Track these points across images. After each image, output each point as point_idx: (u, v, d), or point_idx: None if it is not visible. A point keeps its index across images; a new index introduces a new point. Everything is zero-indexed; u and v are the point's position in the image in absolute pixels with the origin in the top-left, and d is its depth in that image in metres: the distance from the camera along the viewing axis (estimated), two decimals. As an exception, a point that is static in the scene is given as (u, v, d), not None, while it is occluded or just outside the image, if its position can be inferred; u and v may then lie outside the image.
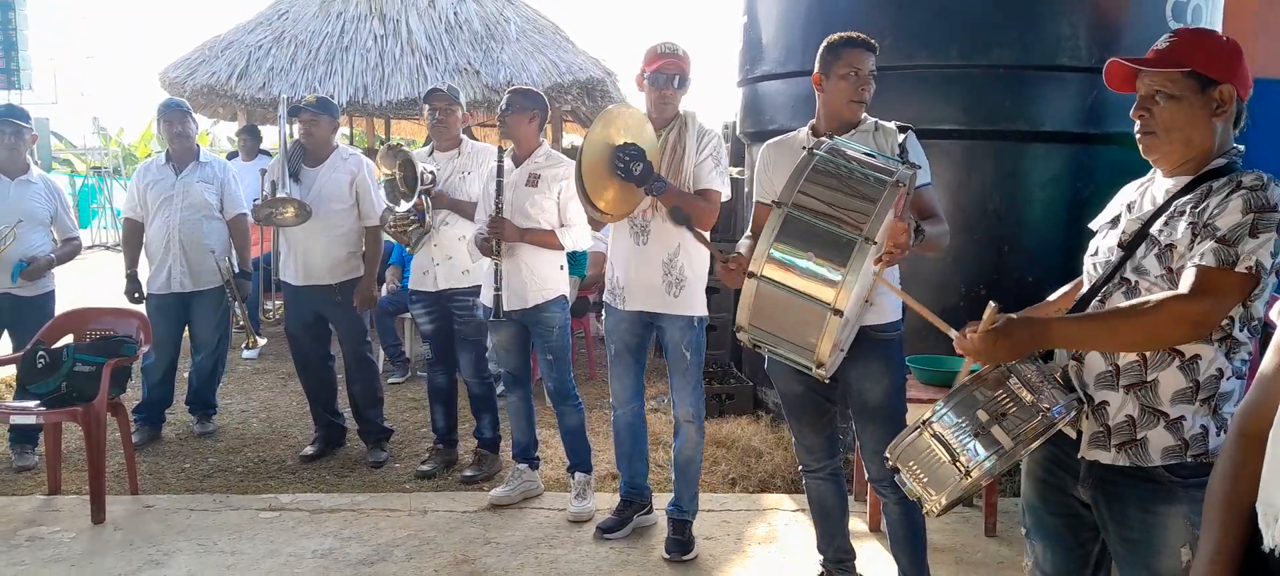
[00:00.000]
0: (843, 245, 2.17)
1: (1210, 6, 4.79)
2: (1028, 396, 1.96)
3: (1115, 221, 2.12)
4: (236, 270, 5.32)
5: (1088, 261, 2.20)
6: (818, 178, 2.28)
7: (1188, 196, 1.95)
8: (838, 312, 2.19)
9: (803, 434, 3.22)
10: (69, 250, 5.05)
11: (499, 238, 3.95)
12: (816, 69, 2.98)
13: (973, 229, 4.58)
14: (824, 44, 2.97)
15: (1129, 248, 2.02)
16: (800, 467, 3.32)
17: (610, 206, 3.46)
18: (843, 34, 2.95)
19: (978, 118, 4.61)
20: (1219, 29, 4.99)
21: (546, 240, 4.08)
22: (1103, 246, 2.13)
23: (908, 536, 3.12)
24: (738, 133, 5.91)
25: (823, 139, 2.52)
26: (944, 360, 3.81)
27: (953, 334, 2.09)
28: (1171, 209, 1.96)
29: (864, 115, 2.99)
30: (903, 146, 2.87)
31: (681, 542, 3.76)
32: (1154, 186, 2.09)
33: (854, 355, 2.83)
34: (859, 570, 3.38)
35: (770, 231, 2.25)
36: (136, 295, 5.10)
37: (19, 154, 4.85)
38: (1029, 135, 4.61)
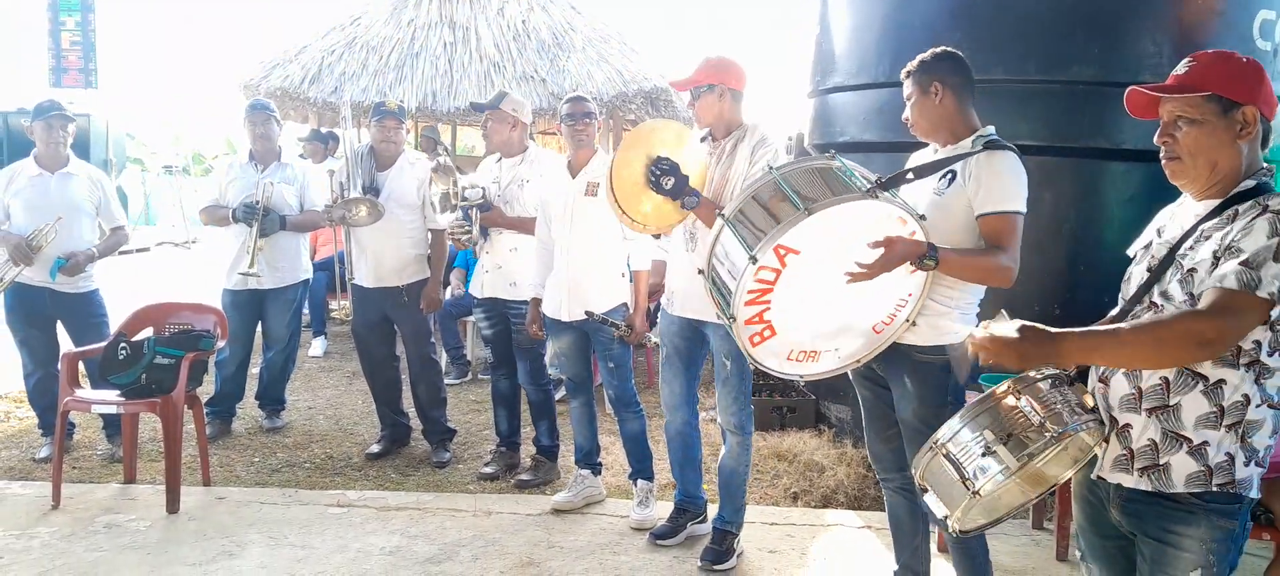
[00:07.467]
0: (743, 258, 2.56)
1: (1301, 24, 4.64)
2: (1036, 417, 1.97)
3: (1148, 247, 2.12)
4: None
5: (1124, 288, 2.18)
6: (753, 198, 2.71)
7: (1215, 220, 1.94)
8: (733, 319, 2.63)
9: (872, 442, 3.20)
10: (115, 240, 5.08)
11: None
12: None
13: (1047, 248, 4.48)
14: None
15: (1156, 272, 2.01)
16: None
17: (647, 219, 3.48)
18: (936, 52, 2.93)
19: (1055, 134, 4.51)
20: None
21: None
22: (1135, 272, 2.12)
23: (959, 554, 3.05)
24: (806, 143, 5.86)
25: (809, 155, 2.74)
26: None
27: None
28: (1198, 232, 1.96)
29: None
30: (887, 178, 2.62)
31: (718, 552, 3.74)
32: (1183, 211, 2.09)
33: (890, 369, 2.96)
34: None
35: (712, 237, 2.76)
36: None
37: (61, 148, 4.89)
38: (1109, 153, 4.50)
